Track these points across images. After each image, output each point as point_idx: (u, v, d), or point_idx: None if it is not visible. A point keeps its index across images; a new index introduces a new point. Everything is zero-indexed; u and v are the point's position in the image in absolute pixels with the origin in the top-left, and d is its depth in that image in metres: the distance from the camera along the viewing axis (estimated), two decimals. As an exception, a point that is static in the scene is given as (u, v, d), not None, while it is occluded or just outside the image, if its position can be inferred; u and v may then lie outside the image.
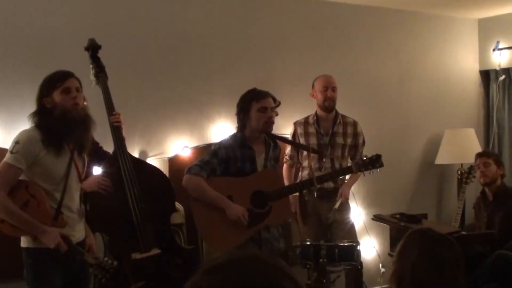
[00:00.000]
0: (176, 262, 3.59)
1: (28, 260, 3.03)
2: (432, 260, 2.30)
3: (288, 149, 4.68)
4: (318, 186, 4.03)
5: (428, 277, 2.27)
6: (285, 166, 4.70)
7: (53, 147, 2.99)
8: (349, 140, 4.59)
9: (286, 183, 4.53)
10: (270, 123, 3.70)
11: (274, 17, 5.22)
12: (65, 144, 3.06)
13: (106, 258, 3.14)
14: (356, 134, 4.63)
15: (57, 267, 3.03)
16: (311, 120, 4.60)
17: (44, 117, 3.02)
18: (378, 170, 3.98)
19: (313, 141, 4.55)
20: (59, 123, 2.99)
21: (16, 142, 2.97)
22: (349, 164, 4.47)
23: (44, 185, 3.05)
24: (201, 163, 3.65)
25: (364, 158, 4.02)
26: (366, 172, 4.00)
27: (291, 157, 4.67)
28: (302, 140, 4.59)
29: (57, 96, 3.01)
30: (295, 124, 4.67)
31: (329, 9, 5.51)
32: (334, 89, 4.51)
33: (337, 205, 4.43)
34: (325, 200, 4.51)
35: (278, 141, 3.99)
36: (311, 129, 4.58)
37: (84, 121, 3.09)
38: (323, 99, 4.50)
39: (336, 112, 4.61)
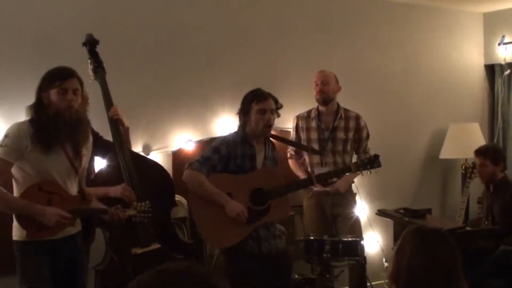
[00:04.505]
0: (176, 257, 3.58)
1: (16, 253, 3.04)
2: (425, 253, 2.33)
3: None
4: (317, 184, 4.10)
5: (423, 269, 2.30)
6: (291, 161, 4.68)
7: (40, 144, 2.96)
8: (350, 135, 4.58)
9: (300, 175, 4.51)
10: (268, 126, 3.67)
11: (278, 9, 5.19)
12: (56, 142, 3.02)
13: (139, 204, 3.30)
14: (359, 128, 4.61)
15: (43, 259, 3.02)
16: (312, 114, 4.61)
17: (39, 111, 3.01)
18: (376, 170, 3.96)
19: (314, 135, 4.56)
20: (50, 122, 2.98)
21: (6, 136, 2.96)
22: (353, 160, 4.48)
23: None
24: (202, 159, 3.64)
25: (363, 158, 4.03)
26: (364, 172, 3.98)
27: (296, 151, 4.67)
28: (303, 135, 4.60)
29: (53, 94, 3.00)
30: (298, 117, 4.67)
31: (333, 2, 5.48)
32: (324, 83, 4.51)
33: (314, 189, 4.39)
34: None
35: (275, 141, 3.97)
36: (313, 124, 4.59)
37: (74, 125, 3.05)
38: (315, 93, 4.55)
39: (338, 106, 4.60)
